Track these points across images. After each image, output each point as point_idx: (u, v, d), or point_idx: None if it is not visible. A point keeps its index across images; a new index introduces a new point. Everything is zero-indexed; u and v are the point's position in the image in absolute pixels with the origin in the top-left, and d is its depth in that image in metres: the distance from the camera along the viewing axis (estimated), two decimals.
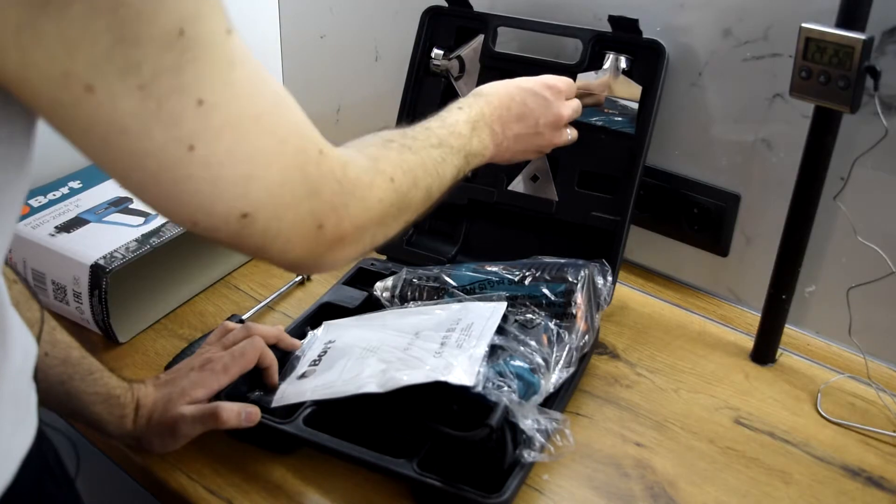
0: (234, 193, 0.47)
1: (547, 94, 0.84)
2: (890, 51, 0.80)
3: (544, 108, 0.83)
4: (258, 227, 0.49)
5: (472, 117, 0.76)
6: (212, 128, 0.45)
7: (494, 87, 0.82)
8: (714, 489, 0.76)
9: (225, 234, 0.49)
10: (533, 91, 0.83)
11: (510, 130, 0.80)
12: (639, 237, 1.05)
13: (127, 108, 0.42)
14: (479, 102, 0.79)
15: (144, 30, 0.41)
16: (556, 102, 0.85)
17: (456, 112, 0.76)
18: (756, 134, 0.93)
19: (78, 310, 0.91)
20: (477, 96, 0.80)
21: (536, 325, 0.81)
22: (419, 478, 0.71)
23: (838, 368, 0.91)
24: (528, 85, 0.83)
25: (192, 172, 0.45)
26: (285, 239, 0.51)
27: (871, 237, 0.83)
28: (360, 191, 0.56)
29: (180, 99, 0.43)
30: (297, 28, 1.35)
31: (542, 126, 0.83)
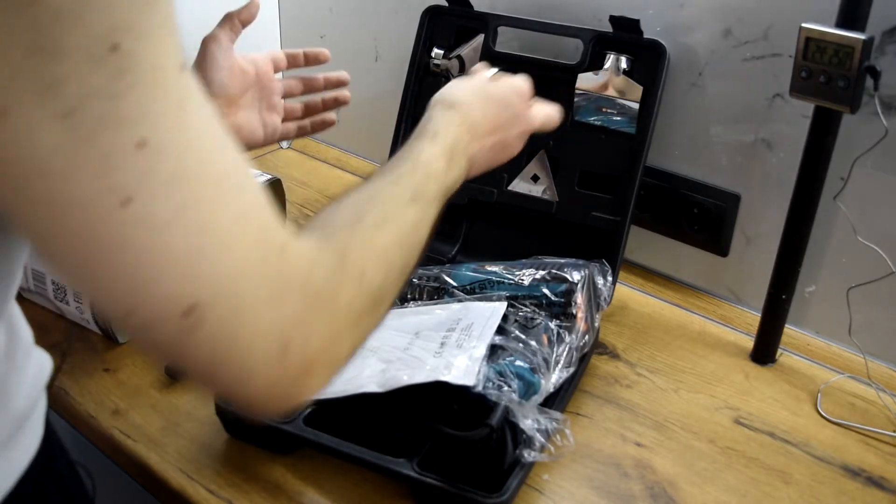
0: (179, 274, 0.37)
1: (517, 103, 0.78)
2: (890, 51, 0.80)
3: (514, 119, 0.77)
4: (206, 332, 0.38)
5: (447, 147, 0.68)
6: (156, 178, 0.36)
7: (467, 97, 0.74)
8: (714, 489, 0.76)
9: (162, 335, 0.38)
10: (505, 102, 0.77)
11: (484, 147, 0.74)
12: (639, 237, 1.05)
13: (47, 142, 0.34)
14: (454, 122, 0.71)
15: (64, 36, 0.33)
16: (526, 111, 0.79)
17: (429, 144, 0.67)
18: (756, 134, 0.93)
19: (78, 310, 0.91)
20: (450, 109, 0.72)
21: (536, 325, 0.81)
22: (419, 478, 0.71)
23: (838, 368, 0.91)
24: (498, 94, 0.77)
25: (125, 234, 0.35)
26: (242, 358, 0.40)
27: (871, 237, 0.83)
28: (326, 301, 0.45)
29: (116, 133, 0.34)
30: (297, 28, 1.35)
31: (514, 138, 0.78)
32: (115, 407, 0.83)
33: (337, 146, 1.38)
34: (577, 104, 0.98)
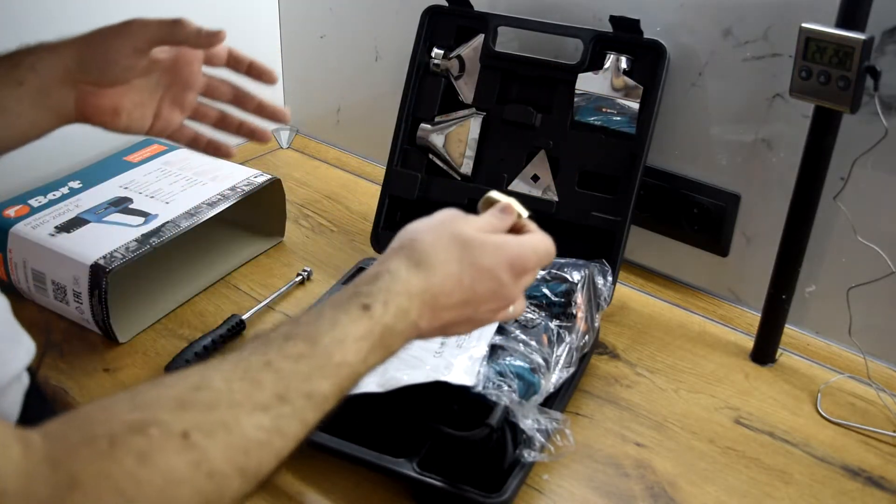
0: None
1: (505, 278, 0.59)
2: (890, 51, 0.80)
3: (493, 293, 0.59)
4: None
5: (381, 329, 0.52)
6: None
7: (443, 263, 0.56)
8: (714, 489, 0.76)
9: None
10: (492, 274, 0.58)
11: (439, 320, 0.57)
12: (639, 237, 1.05)
13: None
14: (408, 291, 0.54)
15: None
16: (513, 286, 0.60)
17: (350, 320, 0.51)
18: (756, 134, 0.93)
19: (78, 310, 0.91)
20: (414, 268, 0.55)
21: (536, 325, 0.81)
22: (419, 478, 0.71)
23: (838, 368, 0.91)
24: (488, 262, 0.58)
25: None
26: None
27: (871, 237, 0.83)
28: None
29: None
30: (297, 28, 1.35)
31: (483, 313, 0.60)
32: None
33: (337, 146, 1.38)
34: (577, 104, 0.98)
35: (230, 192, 1.03)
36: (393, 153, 1.06)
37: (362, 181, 1.30)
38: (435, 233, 0.58)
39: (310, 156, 1.37)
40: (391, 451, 0.73)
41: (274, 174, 1.08)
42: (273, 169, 1.31)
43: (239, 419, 0.43)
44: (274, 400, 0.45)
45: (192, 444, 0.41)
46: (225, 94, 0.79)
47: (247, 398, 0.44)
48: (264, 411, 0.45)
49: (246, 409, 0.44)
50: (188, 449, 0.41)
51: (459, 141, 1.03)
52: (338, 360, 0.49)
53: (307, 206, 1.22)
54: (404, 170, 1.05)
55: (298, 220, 1.17)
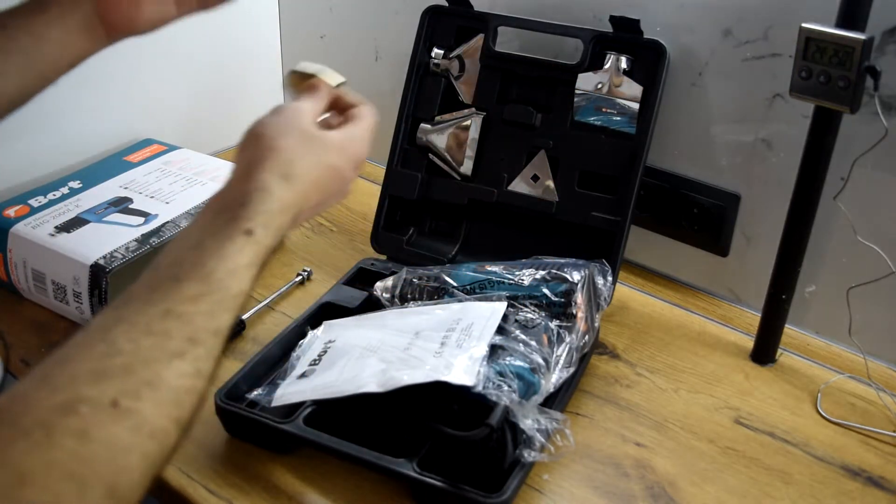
0: None
1: (350, 175, 0.64)
2: (890, 51, 0.80)
3: (340, 190, 0.63)
4: None
5: (262, 250, 0.52)
6: None
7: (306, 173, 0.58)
8: (714, 489, 0.76)
9: None
10: (341, 174, 0.62)
11: (299, 221, 0.60)
12: (639, 237, 1.05)
13: None
14: (284, 206, 0.55)
15: None
16: (353, 179, 0.65)
17: (237, 249, 0.50)
18: (756, 134, 0.93)
19: (78, 310, 0.91)
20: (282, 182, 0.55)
21: (536, 325, 0.81)
22: (419, 478, 0.71)
23: (838, 368, 0.91)
24: (340, 165, 0.62)
25: None
26: None
27: (871, 237, 0.83)
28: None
29: None
30: (297, 28, 1.35)
31: (327, 204, 0.63)
32: None
33: None
34: (577, 104, 0.98)
35: None
36: (393, 153, 1.06)
37: (362, 181, 1.30)
38: (289, 135, 0.58)
39: None
40: (391, 451, 0.73)
41: None
42: None
43: (160, 374, 0.43)
44: (187, 345, 0.45)
45: (124, 410, 0.41)
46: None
47: (160, 351, 0.44)
48: (181, 358, 0.44)
49: (163, 362, 0.44)
50: (123, 416, 0.41)
51: (459, 141, 1.03)
52: (234, 292, 0.49)
53: None
54: (404, 170, 1.06)
55: None
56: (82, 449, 0.38)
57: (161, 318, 0.45)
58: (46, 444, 0.37)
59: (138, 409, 0.41)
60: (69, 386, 0.40)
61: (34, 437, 0.38)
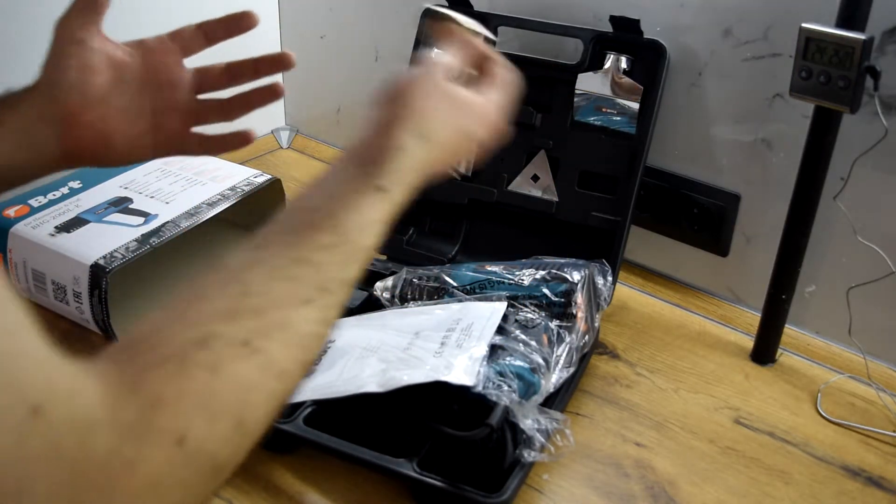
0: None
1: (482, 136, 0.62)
2: (890, 51, 0.80)
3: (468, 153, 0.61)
4: None
5: (394, 208, 0.53)
6: None
7: (444, 136, 0.57)
8: (714, 489, 0.76)
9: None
10: (474, 136, 0.61)
11: (434, 173, 0.58)
12: (639, 237, 1.05)
13: None
14: (418, 166, 0.55)
15: None
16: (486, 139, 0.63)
17: (370, 203, 0.51)
18: (756, 134, 0.93)
19: (78, 310, 0.91)
20: (420, 142, 0.55)
21: (536, 325, 0.81)
22: (419, 478, 0.71)
23: (838, 368, 0.91)
24: (476, 132, 0.61)
25: None
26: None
27: (871, 237, 0.83)
28: (112, 483, 0.33)
29: None
30: (297, 28, 1.35)
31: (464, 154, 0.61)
32: None
33: (337, 146, 1.38)
34: (577, 104, 0.98)
35: (230, 192, 1.03)
36: None
37: None
38: (429, 95, 0.57)
39: (310, 156, 1.37)
40: (391, 451, 0.73)
41: (274, 174, 1.08)
42: (273, 169, 1.31)
43: (290, 318, 0.44)
44: (316, 293, 0.46)
45: (255, 349, 0.41)
46: (220, 78, 0.74)
47: (292, 296, 0.45)
48: (310, 305, 0.45)
49: (293, 306, 0.44)
50: (253, 354, 0.41)
51: None
52: (363, 245, 0.50)
53: None
54: None
55: None
56: (213, 382, 0.39)
57: (295, 264, 0.46)
58: (180, 375, 0.38)
59: (267, 350, 0.42)
60: (204, 322, 0.42)
61: (170, 366, 0.39)
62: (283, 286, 0.45)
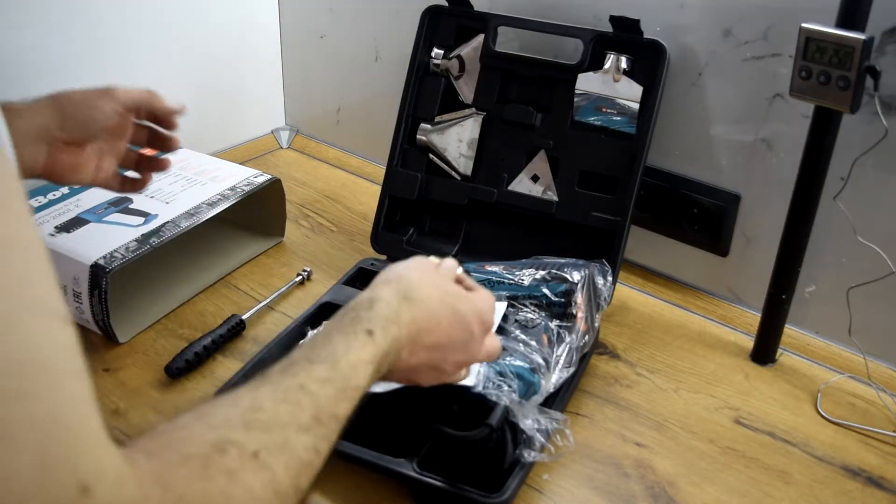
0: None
1: (476, 331, 0.66)
2: (890, 51, 0.80)
3: (463, 344, 0.65)
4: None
5: (381, 353, 0.56)
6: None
7: (427, 298, 0.62)
8: (714, 489, 0.76)
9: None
10: (464, 323, 0.64)
11: (413, 360, 0.62)
12: (639, 237, 1.05)
13: None
14: (401, 320, 0.59)
15: None
16: (477, 341, 0.66)
17: (360, 346, 0.55)
18: (756, 134, 0.93)
19: (78, 310, 0.91)
20: (404, 301, 0.60)
21: (536, 325, 0.81)
22: (419, 478, 0.71)
23: (838, 368, 0.91)
24: (463, 311, 0.64)
25: None
26: None
27: (871, 237, 0.83)
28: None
29: None
30: (297, 28, 1.35)
31: (450, 364, 0.65)
32: (115, 407, 0.83)
33: (337, 146, 1.38)
34: (577, 104, 0.98)
35: (230, 192, 1.03)
36: (393, 153, 1.06)
37: (362, 181, 1.30)
38: (420, 272, 0.64)
39: (310, 156, 1.37)
40: (391, 451, 0.73)
41: (274, 174, 1.08)
42: (273, 169, 1.31)
43: (291, 439, 0.46)
44: (313, 422, 0.49)
45: (262, 463, 0.44)
46: (143, 137, 0.87)
47: (293, 419, 0.48)
48: (307, 432, 0.48)
49: (293, 429, 0.47)
50: (261, 469, 0.44)
51: (459, 141, 1.03)
52: (354, 384, 0.54)
53: (307, 206, 1.22)
54: (404, 170, 1.05)
55: (298, 220, 1.17)
56: (230, 488, 0.41)
57: (296, 390, 0.49)
58: (204, 476, 0.41)
59: (273, 467, 0.44)
60: (223, 427, 0.44)
61: (194, 466, 0.41)
62: (287, 408, 0.48)
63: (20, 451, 0.29)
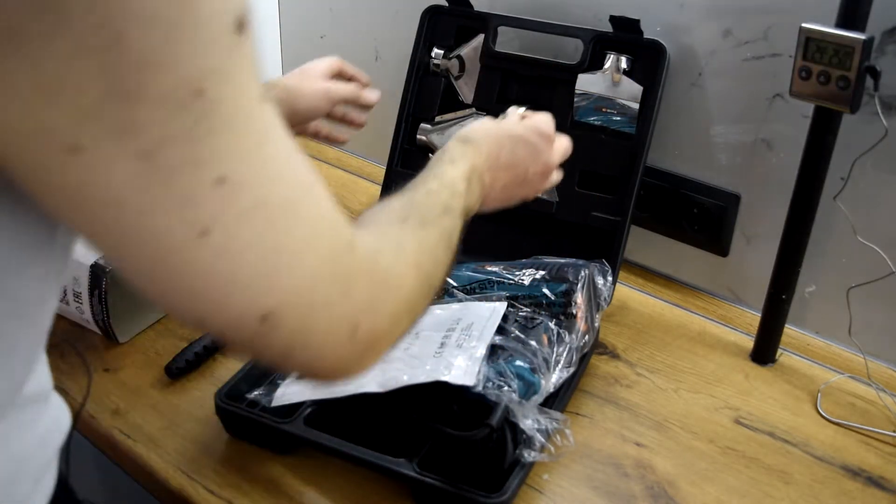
0: (255, 291, 0.39)
1: (538, 142, 0.76)
2: (890, 51, 0.80)
3: (534, 156, 0.76)
4: (283, 332, 0.40)
5: (465, 172, 0.69)
6: (233, 212, 0.37)
7: (484, 133, 0.74)
8: (714, 489, 0.76)
9: (239, 336, 0.40)
10: (524, 139, 0.76)
11: (498, 181, 0.73)
12: (639, 237, 1.05)
13: (123, 178, 0.34)
14: (469, 152, 0.71)
15: (148, 83, 0.33)
16: (546, 150, 0.77)
17: (449, 167, 0.68)
18: (756, 134, 0.93)
19: (78, 310, 0.91)
20: (465, 143, 0.72)
21: (536, 325, 0.81)
22: (419, 478, 0.71)
23: (838, 368, 0.91)
24: (518, 132, 0.76)
25: (202, 262, 0.37)
26: (316, 347, 0.43)
27: (871, 237, 0.83)
28: (392, 283, 0.48)
29: (195, 173, 0.35)
30: (297, 28, 1.35)
31: (532, 175, 0.77)
32: (115, 407, 0.83)
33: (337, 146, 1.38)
34: (577, 104, 0.98)
35: None
36: (393, 153, 1.06)
37: (362, 181, 1.30)
38: (472, 125, 0.76)
39: (310, 155, 1.37)
40: (391, 451, 0.73)
41: None
42: None
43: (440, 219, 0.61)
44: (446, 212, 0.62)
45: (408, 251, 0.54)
46: None
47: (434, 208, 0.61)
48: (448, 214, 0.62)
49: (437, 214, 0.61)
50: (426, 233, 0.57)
51: None
52: (458, 190, 0.66)
53: None
54: (404, 170, 1.06)
55: None
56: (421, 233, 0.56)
57: (425, 196, 0.62)
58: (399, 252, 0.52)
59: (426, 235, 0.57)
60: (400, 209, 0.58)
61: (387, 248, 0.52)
62: (424, 201, 0.61)
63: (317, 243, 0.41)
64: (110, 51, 0.32)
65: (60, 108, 0.32)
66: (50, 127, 0.32)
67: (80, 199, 0.35)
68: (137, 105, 0.33)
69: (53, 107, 0.32)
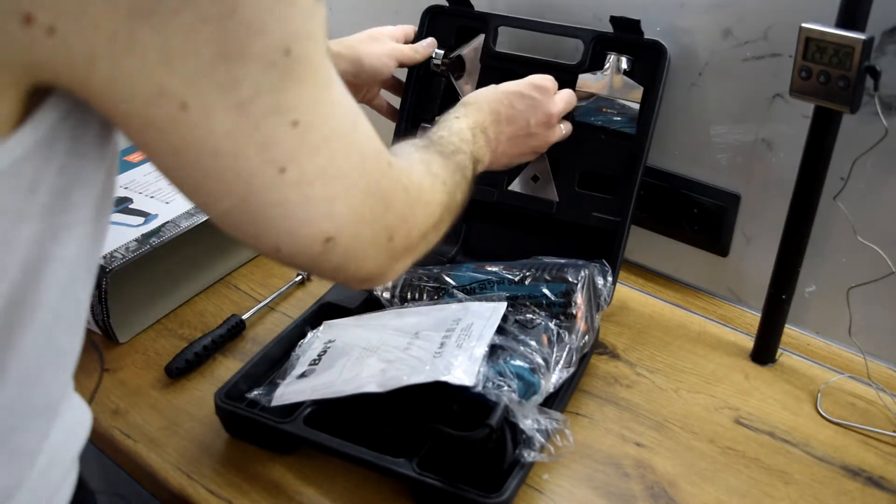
0: (321, 214, 0.46)
1: (534, 94, 0.84)
2: (890, 51, 0.80)
3: (533, 108, 0.84)
4: (339, 249, 0.47)
5: (470, 125, 0.76)
6: (305, 148, 0.43)
7: (482, 95, 0.83)
8: (714, 489, 0.76)
9: (306, 258, 0.47)
10: (519, 93, 0.84)
11: (503, 134, 0.81)
12: (639, 237, 1.05)
13: (222, 129, 0.40)
14: (471, 111, 0.79)
15: (251, 45, 0.39)
16: (544, 100, 0.85)
17: (455, 121, 0.76)
18: (756, 134, 0.93)
19: None
20: (466, 105, 0.80)
21: (536, 325, 0.81)
22: (419, 478, 0.71)
23: (838, 368, 0.91)
24: (513, 88, 0.84)
25: (282, 195, 0.44)
26: (362, 257, 0.49)
27: (871, 237, 0.83)
28: (424, 197, 0.56)
29: (276, 119, 0.42)
30: None
31: (535, 126, 0.84)
32: (115, 407, 0.83)
33: None
34: (577, 104, 0.98)
35: None
36: None
37: None
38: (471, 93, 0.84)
39: None
40: (391, 451, 0.73)
41: None
42: None
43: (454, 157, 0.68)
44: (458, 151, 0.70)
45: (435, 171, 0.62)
46: None
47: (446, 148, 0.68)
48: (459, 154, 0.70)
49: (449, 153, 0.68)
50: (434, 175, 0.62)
51: None
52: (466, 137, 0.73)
53: None
54: None
55: None
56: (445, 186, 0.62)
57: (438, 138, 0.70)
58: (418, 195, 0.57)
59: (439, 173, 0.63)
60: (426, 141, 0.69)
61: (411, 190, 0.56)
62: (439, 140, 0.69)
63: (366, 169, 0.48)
64: (225, 19, 0.38)
65: (177, 72, 0.38)
66: (167, 90, 0.38)
67: (183, 152, 0.41)
68: (239, 64, 0.39)
69: (172, 71, 0.37)
